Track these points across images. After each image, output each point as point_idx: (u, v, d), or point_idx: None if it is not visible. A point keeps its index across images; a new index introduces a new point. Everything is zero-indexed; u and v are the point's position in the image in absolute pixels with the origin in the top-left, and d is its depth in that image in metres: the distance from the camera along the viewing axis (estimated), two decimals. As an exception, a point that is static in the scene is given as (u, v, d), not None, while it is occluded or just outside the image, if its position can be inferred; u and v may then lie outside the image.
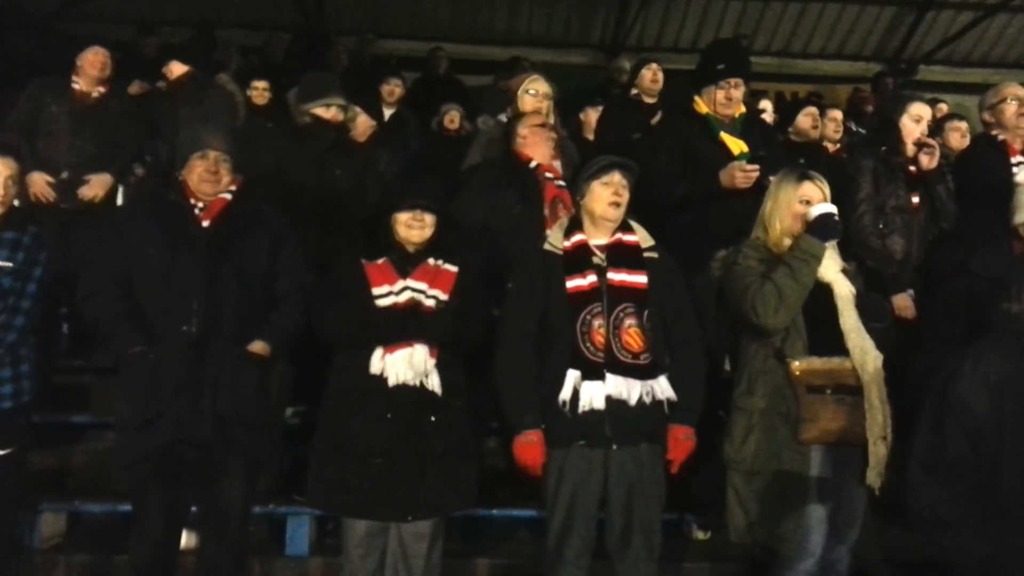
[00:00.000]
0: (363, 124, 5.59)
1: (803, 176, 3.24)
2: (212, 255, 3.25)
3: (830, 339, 3.09)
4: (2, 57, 8.61)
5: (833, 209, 3.15)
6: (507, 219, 3.92)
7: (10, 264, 3.43)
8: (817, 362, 3.05)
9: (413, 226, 3.24)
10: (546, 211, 3.92)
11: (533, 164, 4.05)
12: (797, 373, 3.03)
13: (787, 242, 3.17)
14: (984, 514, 2.30)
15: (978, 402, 2.31)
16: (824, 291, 3.12)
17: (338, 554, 3.39)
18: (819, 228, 3.11)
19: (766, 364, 3.11)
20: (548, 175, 4.04)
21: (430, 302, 3.20)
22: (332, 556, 3.81)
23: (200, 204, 3.33)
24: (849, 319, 3.09)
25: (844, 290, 3.14)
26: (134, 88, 5.92)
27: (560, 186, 4.00)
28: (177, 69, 5.75)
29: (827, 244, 3.12)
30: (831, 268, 3.15)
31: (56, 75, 5.12)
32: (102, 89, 5.13)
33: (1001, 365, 2.33)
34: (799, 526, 3.04)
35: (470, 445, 3.36)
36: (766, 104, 6.43)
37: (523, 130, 4.16)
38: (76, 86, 5.06)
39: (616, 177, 3.23)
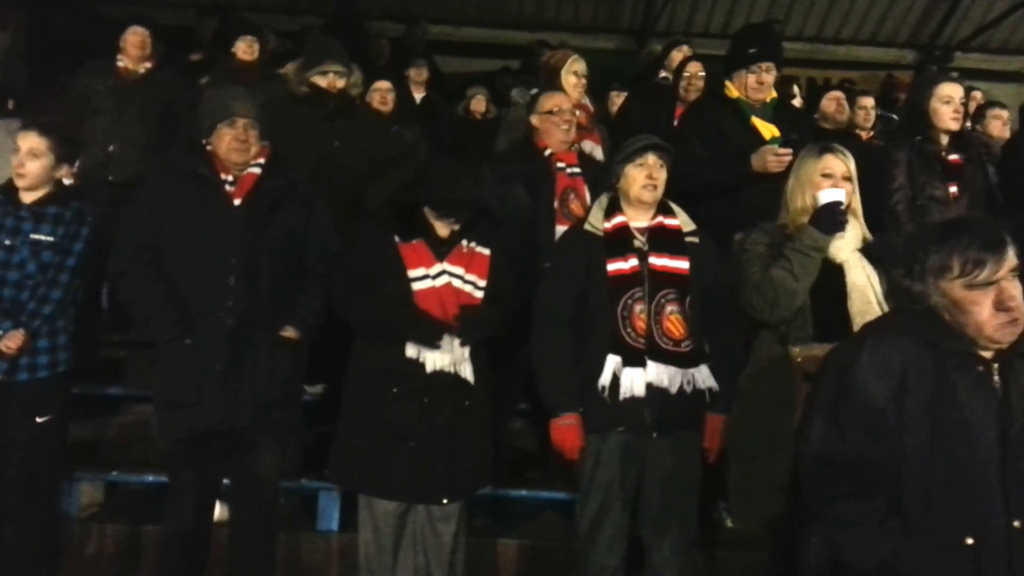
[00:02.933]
0: (382, 89, 5.62)
1: (825, 148, 3.08)
2: (245, 236, 3.23)
3: (838, 324, 2.91)
4: (46, 38, 8.75)
5: (840, 197, 2.95)
6: (516, 210, 3.89)
7: (51, 238, 3.50)
8: (818, 349, 2.81)
9: (443, 222, 3.25)
10: (556, 203, 3.89)
11: (547, 153, 4.01)
12: (797, 360, 2.84)
13: (803, 221, 3.00)
14: (884, 513, 2.10)
15: (877, 391, 2.10)
16: (836, 272, 2.96)
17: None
18: (824, 218, 2.93)
19: (771, 349, 3.01)
20: (560, 164, 3.97)
21: (468, 288, 3.20)
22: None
23: (230, 178, 3.30)
24: (857, 303, 2.93)
25: (856, 271, 2.96)
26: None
27: (573, 175, 3.95)
28: (245, 51, 5.91)
29: (832, 237, 2.94)
30: (844, 248, 2.98)
31: (102, 57, 5.29)
32: (148, 65, 5.29)
33: (903, 351, 2.11)
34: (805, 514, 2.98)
35: (494, 427, 3.37)
36: (794, 90, 6.36)
37: (534, 119, 4.11)
38: (120, 64, 5.23)
39: (651, 159, 3.20)
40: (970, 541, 2.05)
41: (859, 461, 2.13)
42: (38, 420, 3.46)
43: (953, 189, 4.10)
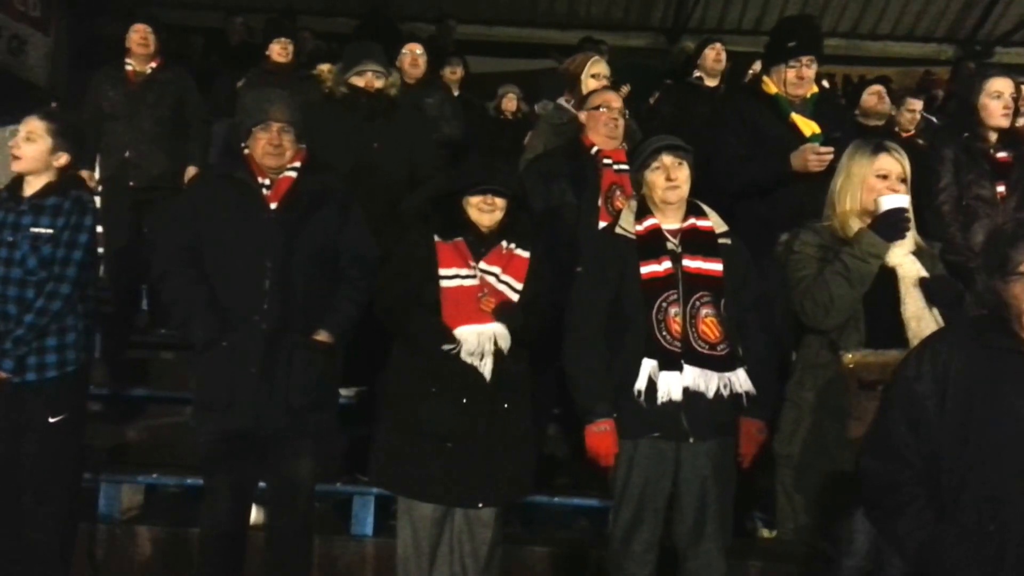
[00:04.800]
0: (414, 52, 5.65)
1: (879, 147, 2.99)
2: (280, 240, 3.24)
3: (891, 329, 2.85)
4: (88, 41, 8.87)
5: (905, 203, 2.88)
6: (561, 207, 3.87)
7: (50, 231, 3.40)
8: (871, 355, 2.82)
9: (484, 209, 3.21)
10: (600, 200, 3.85)
11: (594, 150, 3.98)
12: (850, 366, 2.81)
13: (854, 224, 2.94)
14: (924, 501, 2.24)
15: (922, 389, 2.24)
16: (888, 275, 2.88)
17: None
18: (885, 224, 2.86)
19: (819, 356, 2.95)
20: (607, 160, 3.94)
21: (502, 287, 3.18)
22: (395, 537, 3.82)
23: (267, 182, 3.31)
24: (911, 307, 2.85)
25: (910, 274, 2.88)
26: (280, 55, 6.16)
27: (620, 171, 3.89)
28: (280, 53, 5.99)
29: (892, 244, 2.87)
30: (897, 251, 2.90)
31: (112, 62, 5.36)
32: (154, 64, 5.32)
33: (951, 353, 2.24)
34: (846, 525, 2.89)
35: (532, 432, 3.35)
36: (825, 84, 6.25)
37: (582, 115, 4.10)
38: (128, 67, 5.28)
39: (666, 160, 3.13)
40: (992, 528, 2.15)
41: (902, 453, 2.26)
42: (51, 420, 3.41)
43: (1001, 188, 3.98)
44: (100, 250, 5.83)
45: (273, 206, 3.28)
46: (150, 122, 5.17)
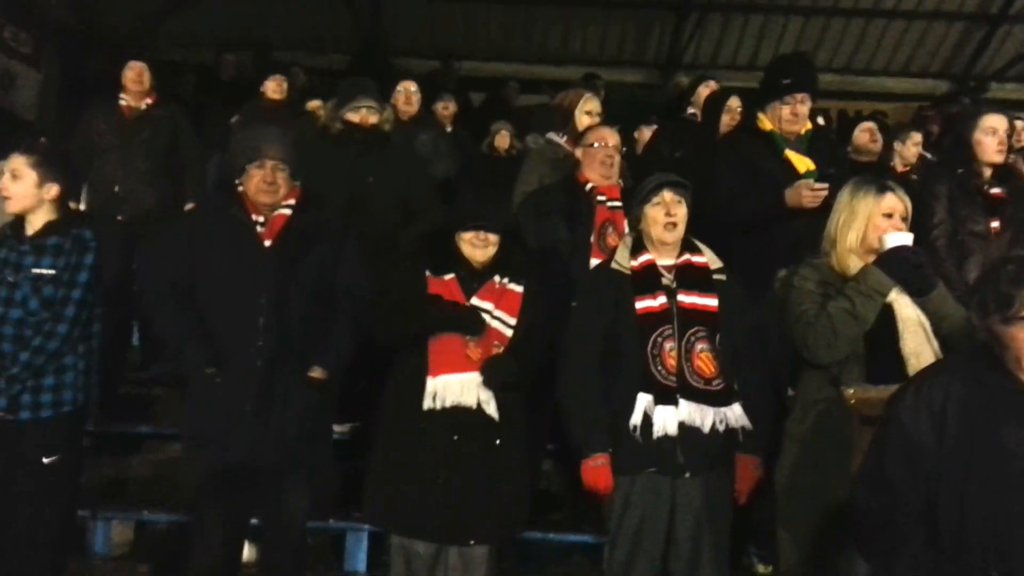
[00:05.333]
0: (408, 90, 5.66)
1: (884, 187, 3.00)
2: (275, 277, 3.24)
3: (891, 365, 2.85)
4: (78, 77, 8.95)
5: (910, 241, 2.91)
6: (554, 244, 3.86)
7: (52, 271, 3.37)
8: (873, 390, 2.79)
9: (477, 245, 3.23)
10: (593, 237, 3.85)
11: (589, 187, 3.98)
12: (851, 402, 2.79)
13: (855, 261, 2.95)
14: (920, 545, 2.18)
15: (918, 424, 2.18)
16: (886, 311, 2.88)
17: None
18: (891, 262, 2.87)
19: (820, 391, 2.94)
20: (601, 197, 3.94)
21: (496, 323, 3.19)
22: (389, 574, 3.77)
23: (261, 219, 3.32)
24: (910, 343, 2.86)
25: (907, 311, 2.90)
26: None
27: (613, 208, 3.91)
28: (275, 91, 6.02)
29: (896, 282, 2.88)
30: (896, 289, 2.91)
31: (105, 96, 5.38)
32: (149, 101, 5.34)
33: (950, 387, 2.18)
34: (847, 560, 2.87)
35: (527, 468, 3.33)
36: (819, 121, 6.27)
37: (577, 152, 4.11)
38: (123, 102, 5.30)
39: (667, 196, 3.17)
40: (996, 573, 2.08)
41: (897, 493, 2.20)
42: (44, 461, 3.35)
43: (995, 224, 3.97)
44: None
45: (268, 243, 3.29)
46: (142, 158, 5.17)
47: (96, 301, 3.48)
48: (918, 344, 2.86)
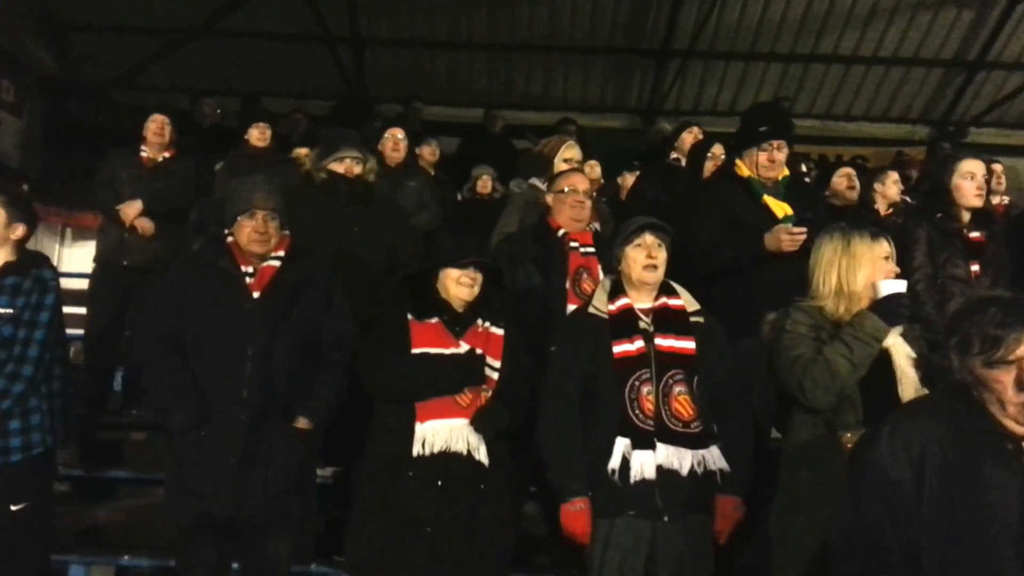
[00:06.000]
0: (395, 137, 5.68)
1: (876, 233, 3.02)
2: (262, 328, 3.25)
3: (887, 409, 2.78)
4: (60, 124, 8.98)
5: (904, 288, 2.92)
6: (528, 291, 3.84)
7: (10, 311, 3.31)
8: None
9: (464, 283, 3.22)
10: (567, 283, 3.83)
11: (560, 233, 3.96)
12: (849, 447, 2.77)
13: (847, 307, 2.93)
14: None
15: (896, 469, 2.13)
16: (881, 356, 2.88)
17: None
18: (886, 309, 2.87)
19: (815, 435, 2.91)
20: (574, 244, 3.93)
21: (484, 369, 3.17)
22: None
23: (250, 270, 3.33)
24: (908, 388, 2.84)
25: (903, 355, 2.90)
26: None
27: (586, 254, 3.91)
28: (259, 139, 6.16)
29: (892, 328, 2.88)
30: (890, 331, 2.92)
31: (128, 145, 5.58)
32: (167, 154, 5.53)
33: (927, 432, 2.13)
34: None
35: (512, 512, 3.32)
36: (802, 168, 6.32)
37: (548, 198, 4.10)
38: (144, 154, 5.48)
39: (648, 239, 3.19)
40: None
41: (878, 540, 2.13)
42: (12, 508, 3.28)
43: (975, 267, 4.00)
44: (78, 331, 5.82)
45: (256, 295, 3.30)
46: (153, 207, 5.28)
47: (57, 341, 3.44)
48: (916, 388, 2.85)
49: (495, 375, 3.20)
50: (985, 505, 2.06)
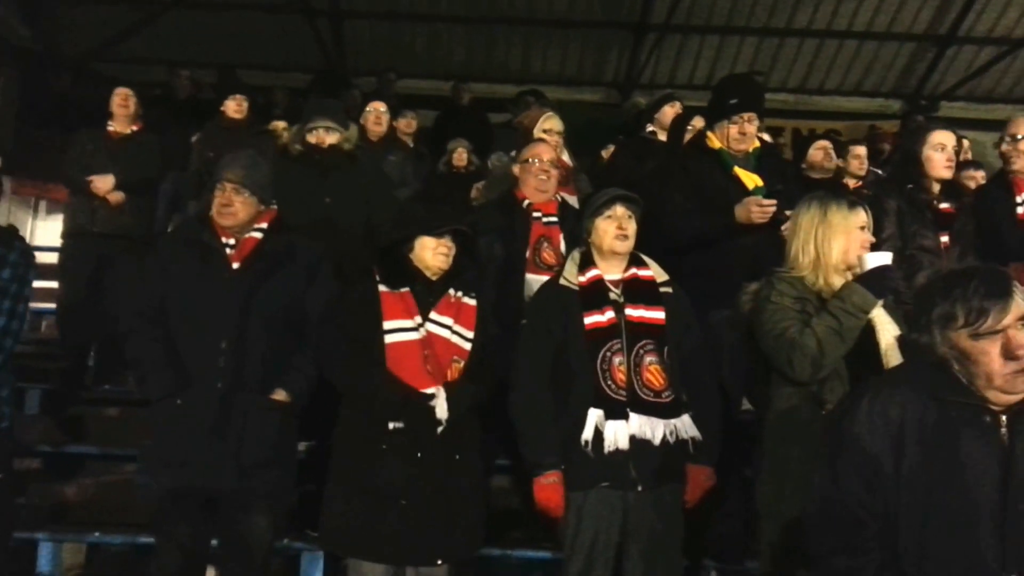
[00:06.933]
0: (377, 110, 5.67)
1: (853, 202, 2.99)
2: (240, 298, 3.24)
3: None
4: (38, 97, 8.89)
5: (890, 260, 2.88)
6: (489, 262, 3.85)
7: None
8: None
9: (440, 252, 3.22)
10: (528, 252, 3.86)
11: (525, 203, 3.99)
12: None
13: (837, 279, 2.89)
14: (880, 566, 2.07)
15: (874, 442, 2.08)
16: (867, 329, 2.84)
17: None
18: (872, 281, 2.83)
19: (800, 408, 2.86)
20: (536, 213, 3.96)
21: (456, 339, 3.18)
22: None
23: (231, 242, 3.33)
24: (893, 360, 2.77)
25: (889, 329, 2.85)
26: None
27: (549, 223, 3.94)
28: (235, 110, 6.15)
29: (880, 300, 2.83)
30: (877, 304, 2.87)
31: (94, 119, 5.61)
32: (134, 127, 5.52)
33: (905, 403, 2.08)
34: None
35: (484, 484, 3.34)
36: (767, 138, 6.35)
37: (515, 168, 4.13)
38: (110, 128, 5.50)
39: (619, 210, 3.21)
40: None
41: (855, 513, 2.10)
42: None
43: (944, 239, 4.01)
44: (49, 306, 5.81)
45: (236, 265, 3.29)
46: (121, 179, 5.27)
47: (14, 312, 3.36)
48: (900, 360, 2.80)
49: (467, 345, 3.20)
50: (963, 478, 2.04)
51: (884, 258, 2.89)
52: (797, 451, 2.82)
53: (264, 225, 3.39)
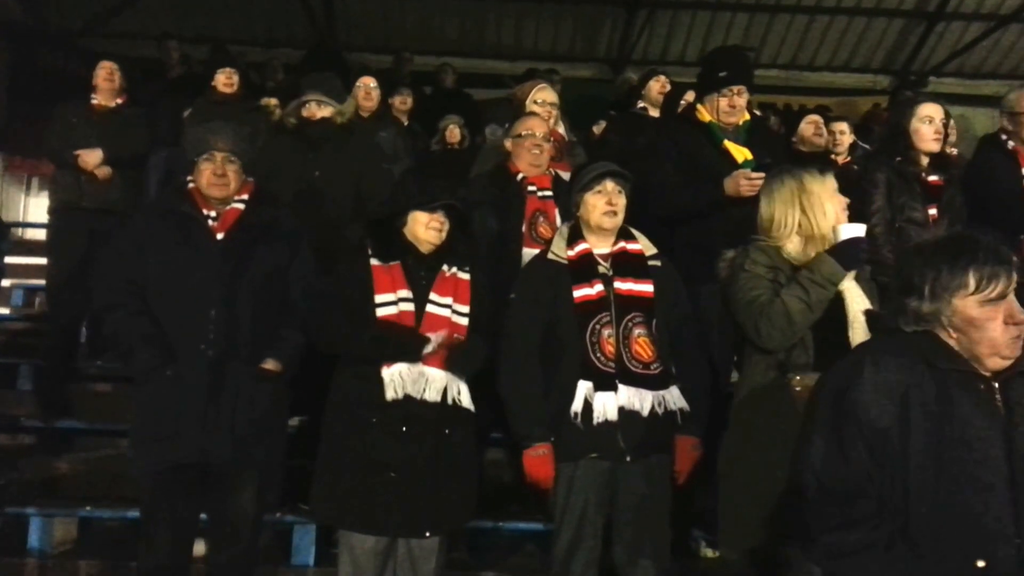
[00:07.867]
0: (367, 85, 5.70)
1: (822, 169, 2.96)
2: (227, 268, 3.23)
3: (838, 352, 2.74)
4: (29, 72, 8.82)
5: (863, 232, 2.87)
6: (484, 236, 3.85)
7: None
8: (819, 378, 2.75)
9: (433, 227, 3.22)
10: (524, 226, 3.87)
11: (519, 177, 3.99)
12: (797, 389, 2.74)
13: (813, 248, 2.87)
14: (890, 539, 2.03)
15: (881, 413, 2.05)
16: (835, 300, 2.83)
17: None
18: (845, 253, 2.81)
19: (766, 377, 2.87)
20: (531, 187, 3.95)
21: (457, 318, 3.18)
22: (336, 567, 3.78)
23: (213, 214, 3.31)
24: (859, 331, 2.79)
25: (857, 302, 2.85)
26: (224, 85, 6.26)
27: (544, 197, 3.94)
28: (226, 84, 6.10)
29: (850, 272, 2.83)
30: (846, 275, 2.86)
31: (78, 94, 5.51)
32: (119, 100, 5.45)
33: (904, 371, 2.06)
34: (791, 548, 2.72)
35: (477, 457, 3.34)
36: (757, 112, 6.36)
37: (507, 142, 4.12)
38: (94, 100, 5.40)
39: (608, 185, 3.22)
40: (981, 564, 1.99)
41: (863, 485, 2.07)
42: None
43: (933, 211, 4.02)
44: (41, 282, 5.78)
45: (220, 236, 3.27)
46: (109, 153, 5.23)
47: None
48: (866, 333, 2.81)
49: (464, 320, 3.20)
50: (971, 445, 2.03)
51: (857, 230, 2.88)
52: (763, 417, 2.84)
53: (245, 196, 3.37)
